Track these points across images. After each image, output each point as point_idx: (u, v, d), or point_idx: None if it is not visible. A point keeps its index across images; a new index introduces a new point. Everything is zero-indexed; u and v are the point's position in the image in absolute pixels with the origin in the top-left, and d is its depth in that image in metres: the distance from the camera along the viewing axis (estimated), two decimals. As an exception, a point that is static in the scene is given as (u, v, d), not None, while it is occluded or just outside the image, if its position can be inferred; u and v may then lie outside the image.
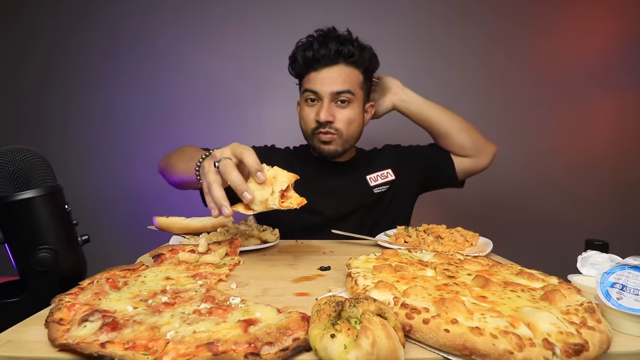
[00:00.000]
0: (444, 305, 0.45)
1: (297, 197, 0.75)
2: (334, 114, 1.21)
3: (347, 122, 1.22)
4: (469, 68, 2.06)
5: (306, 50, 1.20)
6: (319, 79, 1.20)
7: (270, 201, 0.72)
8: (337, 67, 1.20)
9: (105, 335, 0.43)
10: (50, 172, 0.70)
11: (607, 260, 0.56)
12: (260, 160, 0.74)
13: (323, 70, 1.20)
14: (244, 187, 0.71)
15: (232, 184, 0.71)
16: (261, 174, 0.72)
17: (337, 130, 1.22)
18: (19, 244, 0.65)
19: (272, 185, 0.73)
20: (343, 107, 1.21)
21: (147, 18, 2.02)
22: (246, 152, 0.72)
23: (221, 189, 0.73)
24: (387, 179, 1.35)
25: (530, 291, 0.54)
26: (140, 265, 0.72)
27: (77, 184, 1.99)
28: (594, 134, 2.11)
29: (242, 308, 0.51)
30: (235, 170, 0.71)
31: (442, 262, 0.70)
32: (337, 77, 1.19)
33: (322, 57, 1.18)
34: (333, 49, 1.17)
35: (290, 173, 0.75)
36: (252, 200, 0.72)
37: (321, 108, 1.19)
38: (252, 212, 0.74)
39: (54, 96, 2.04)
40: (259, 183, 0.73)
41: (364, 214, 1.31)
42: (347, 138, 1.25)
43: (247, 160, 0.72)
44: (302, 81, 1.28)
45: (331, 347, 0.38)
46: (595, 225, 2.08)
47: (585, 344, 0.40)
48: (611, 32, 2.07)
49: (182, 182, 1.07)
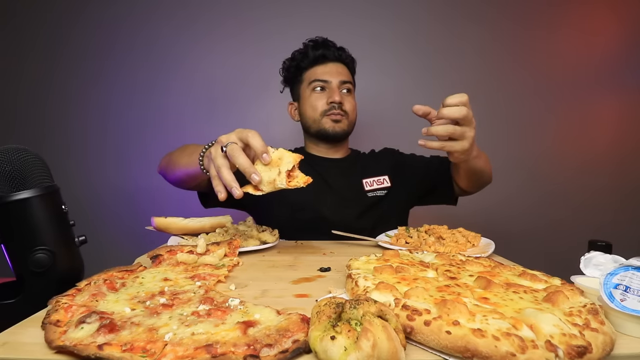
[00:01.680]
0: (446, 306, 0.45)
1: (303, 177, 0.78)
2: (343, 98, 1.37)
3: (352, 107, 1.40)
4: (470, 67, 2.06)
5: (315, 49, 1.39)
6: (327, 71, 1.37)
7: (277, 181, 0.75)
8: (339, 63, 1.40)
9: (102, 337, 0.43)
10: (47, 172, 0.69)
11: (611, 261, 0.56)
12: None
13: (329, 64, 1.39)
14: (252, 169, 0.75)
15: (241, 167, 0.74)
16: (267, 155, 0.76)
17: (346, 112, 1.37)
18: (15, 245, 0.64)
19: (278, 166, 0.76)
20: (347, 95, 1.40)
21: (145, 16, 2.01)
22: (251, 135, 0.76)
23: (230, 172, 0.76)
24: (383, 185, 1.37)
25: (532, 292, 0.54)
26: (138, 267, 0.72)
27: (74, 184, 1.98)
28: (598, 134, 2.10)
29: (241, 309, 0.51)
30: (243, 154, 0.75)
31: (443, 263, 0.70)
32: (341, 71, 1.39)
33: (328, 54, 1.38)
34: (335, 50, 1.40)
35: (295, 153, 0.78)
36: (260, 181, 0.75)
37: (333, 92, 1.35)
38: (261, 193, 0.77)
39: (51, 96, 2.03)
40: (265, 164, 0.76)
41: (359, 216, 1.32)
42: (352, 120, 1.41)
43: (253, 142, 0.75)
44: (303, 77, 1.41)
45: (331, 349, 0.38)
46: (599, 226, 2.07)
47: (588, 346, 0.40)
48: (614, 32, 2.06)
49: (185, 175, 1.07)
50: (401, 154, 1.49)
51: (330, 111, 1.35)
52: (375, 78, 2.04)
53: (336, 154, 1.45)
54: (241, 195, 0.74)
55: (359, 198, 1.35)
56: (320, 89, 1.37)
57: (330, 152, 1.44)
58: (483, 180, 1.24)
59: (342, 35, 1.47)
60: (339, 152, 1.45)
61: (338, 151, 1.45)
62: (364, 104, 1.62)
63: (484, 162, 1.13)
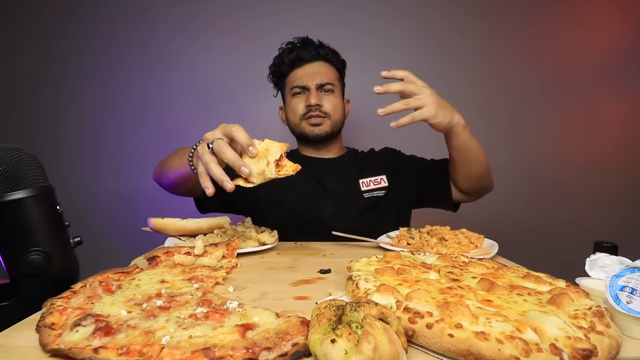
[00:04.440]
0: (448, 309, 0.45)
1: (292, 165, 0.80)
2: (321, 99, 1.35)
3: (334, 106, 1.37)
4: (473, 64, 2.03)
5: (290, 52, 1.38)
6: (304, 74, 1.36)
7: (267, 172, 0.77)
8: (317, 63, 1.38)
9: (98, 340, 0.43)
10: (42, 171, 0.69)
11: (617, 262, 0.56)
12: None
13: (307, 65, 1.37)
14: (241, 163, 0.75)
15: (229, 161, 0.75)
16: (253, 148, 0.77)
17: (326, 113, 1.35)
18: (9, 246, 0.64)
19: (266, 157, 0.78)
20: (328, 95, 1.37)
21: (141, 13, 2.00)
22: (234, 129, 0.77)
23: (219, 167, 0.76)
24: (380, 185, 1.35)
25: (537, 295, 0.54)
26: (134, 268, 0.72)
27: (70, 184, 1.96)
28: (604, 133, 2.07)
29: (240, 312, 0.51)
30: (230, 148, 0.76)
31: (446, 264, 0.69)
32: (319, 71, 1.37)
33: (305, 55, 1.37)
34: (313, 50, 1.37)
35: (282, 142, 0.79)
36: (250, 173, 0.76)
37: (310, 95, 1.34)
38: (252, 185, 0.78)
39: (45, 95, 2.02)
40: (252, 157, 0.77)
41: (356, 218, 1.30)
42: (334, 120, 1.38)
43: (238, 136, 0.76)
44: (285, 81, 1.41)
45: (331, 353, 0.37)
46: (604, 227, 2.05)
47: (593, 349, 0.39)
48: (620, 28, 2.04)
49: (178, 178, 1.07)
50: (401, 155, 1.47)
51: (308, 114, 1.34)
52: (376, 74, 2.03)
53: (328, 153, 1.43)
54: (233, 188, 0.75)
55: (355, 199, 1.33)
56: (299, 93, 1.37)
57: (321, 152, 1.43)
58: (482, 181, 1.23)
59: (341, 31, 1.46)
60: (331, 152, 1.44)
61: (330, 151, 1.43)
62: (364, 100, 1.60)
63: (476, 146, 1.14)
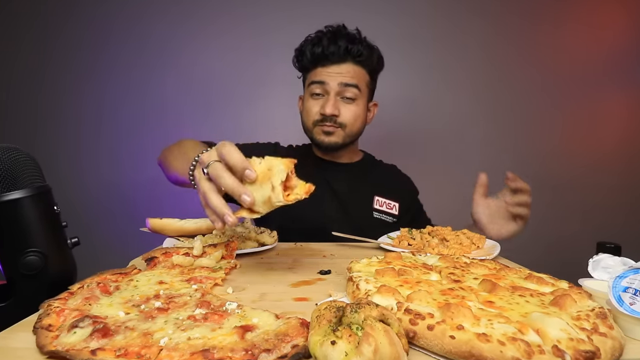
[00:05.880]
0: (450, 310, 0.44)
1: (303, 185, 0.65)
2: (339, 108, 1.22)
3: (353, 117, 1.24)
4: (475, 62, 2.04)
5: (315, 45, 1.21)
6: (326, 74, 1.21)
7: (273, 198, 0.61)
8: (345, 65, 1.21)
9: (96, 342, 0.43)
10: (39, 171, 0.68)
11: (620, 263, 0.56)
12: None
13: (331, 67, 1.21)
14: (241, 190, 0.62)
15: (227, 189, 0.62)
16: (250, 171, 0.62)
17: (341, 124, 1.23)
18: (5, 247, 0.63)
19: (270, 179, 0.62)
20: (349, 103, 1.23)
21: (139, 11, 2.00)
22: (225, 151, 0.62)
23: (218, 197, 0.64)
24: (392, 212, 1.32)
25: (539, 296, 0.53)
26: (132, 269, 0.71)
27: (67, 184, 1.96)
28: (607, 132, 2.07)
29: (239, 314, 0.51)
30: (227, 173, 0.62)
31: (447, 265, 0.69)
32: (345, 74, 1.21)
33: (331, 54, 1.20)
34: (342, 47, 1.19)
35: (286, 159, 0.64)
36: (252, 202, 0.62)
37: (327, 101, 1.20)
38: (258, 215, 0.64)
39: (43, 93, 2.02)
40: (251, 182, 0.63)
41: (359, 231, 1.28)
42: (349, 133, 1.26)
43: (231, 160, 0.62)
44: (307, 75, 1.29)
45: (331, 355, 0.37)
46: (607, 228, 2.04)
47: (596, 351, 0.39)
48: (623, 26, 2.04)
49: (178, 182, 1.06)
50: (416, 197, 1.43)
51: (323, 122, 1.23)
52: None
53: (341, 158, 1.36)
54: (235, 223, 0.63)
55: (364, 212, 1.29)
56: (316, 95, 1.24)
57: (334, 156, 1.36)
58: None
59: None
60: (344, 157, 1.36)
61: (342, 157, 1.36)
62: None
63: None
